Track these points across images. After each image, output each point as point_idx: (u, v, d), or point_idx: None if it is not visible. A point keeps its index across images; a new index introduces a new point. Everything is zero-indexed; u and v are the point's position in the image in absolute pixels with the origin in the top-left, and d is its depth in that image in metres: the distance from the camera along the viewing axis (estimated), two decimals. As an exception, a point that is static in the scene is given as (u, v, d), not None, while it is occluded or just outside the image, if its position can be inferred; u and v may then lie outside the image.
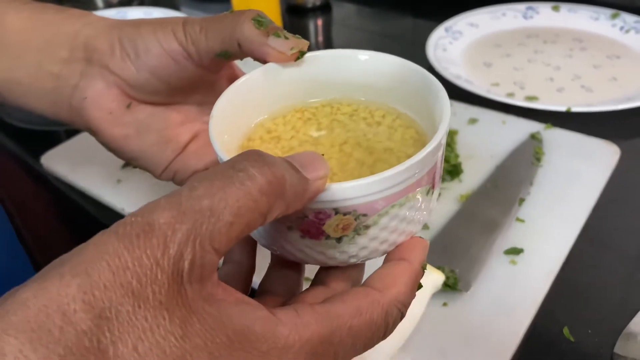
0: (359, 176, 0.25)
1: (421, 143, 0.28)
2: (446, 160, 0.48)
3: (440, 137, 0.23)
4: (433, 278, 0.36)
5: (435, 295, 0.37)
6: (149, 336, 0.16)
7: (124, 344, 0.16)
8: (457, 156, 0.49)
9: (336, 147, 0.28)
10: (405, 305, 0.23)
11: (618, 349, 0.34)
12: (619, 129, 0.54)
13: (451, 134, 0.52)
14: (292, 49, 0.28)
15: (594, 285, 0.39)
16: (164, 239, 0.16)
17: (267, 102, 0.30)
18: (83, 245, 0.17)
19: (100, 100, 0.31)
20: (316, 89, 0.31)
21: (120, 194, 0.51)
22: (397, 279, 0.23)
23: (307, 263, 0.26)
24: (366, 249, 0.24)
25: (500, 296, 0.37)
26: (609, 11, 0.73)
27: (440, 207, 0.45)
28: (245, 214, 0.18)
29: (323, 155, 0.25)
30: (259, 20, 0.28)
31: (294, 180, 0.19)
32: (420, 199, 0.25)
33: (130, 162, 0.34)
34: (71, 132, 0.61)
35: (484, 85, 0.62)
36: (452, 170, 0.48)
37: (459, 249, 0.39)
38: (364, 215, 0.23)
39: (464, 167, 0.48)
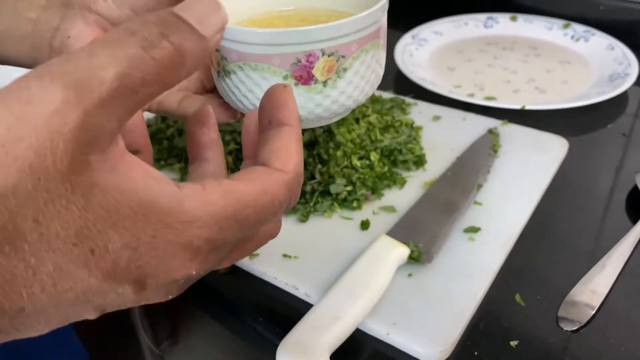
0: None
1: None
2: (411, 151, 0.52)
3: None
4: (398, 252, 0.40)
5: (401, 267, 0.40)
6: (50, 208, 0.16)
7: (23, 218, 0.15)
8: (421, 148, 0.53)
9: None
10: (302, 173, 0.23)
11: (562, 312, 0.38)
12: (569, 125, 0.59)
13: (416, 130, 0.56)
14: None
15: (542, 258, 0.43)
16: (63, 109, 0.16)
17: (233, 16, 0.35)
18: None
19: (83, 38, 0.32)
20: (273, 1, 0.37)
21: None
22: (290, 150, 0.23)
23: None
24: (344, 93, 0.30)
25: (459, 267, 0.41)
26: (561, 21, 0.79)
27: (406, 192, 0.49)
28: (150, 84, 0.17)
29: None
30: None
31: (193, 47, 0.19)
32: (379, 50, 0.32)
33: None
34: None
35: (447, 87, 0.67)
36: (417, 161, 0.52)
37: (423, 227, 0.43)
38: (343, 57, 0.29)
39: (427, 158, 0.52)
